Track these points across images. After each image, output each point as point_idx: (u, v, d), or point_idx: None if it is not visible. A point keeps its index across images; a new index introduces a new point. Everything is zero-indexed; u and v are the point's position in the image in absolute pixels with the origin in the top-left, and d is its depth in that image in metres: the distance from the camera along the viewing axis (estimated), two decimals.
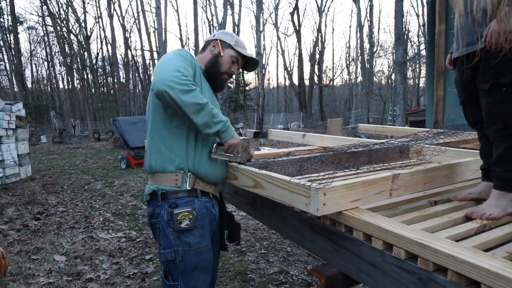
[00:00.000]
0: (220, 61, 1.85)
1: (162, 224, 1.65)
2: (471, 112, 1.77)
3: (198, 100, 1.55)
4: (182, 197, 1.67)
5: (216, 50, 1.86)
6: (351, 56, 36.92)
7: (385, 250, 1.29)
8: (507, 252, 1.20)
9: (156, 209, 1.69)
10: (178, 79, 1.52)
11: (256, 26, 21.50)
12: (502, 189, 1.54)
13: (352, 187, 1.49)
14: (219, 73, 1.86)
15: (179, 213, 1.62)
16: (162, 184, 1.68)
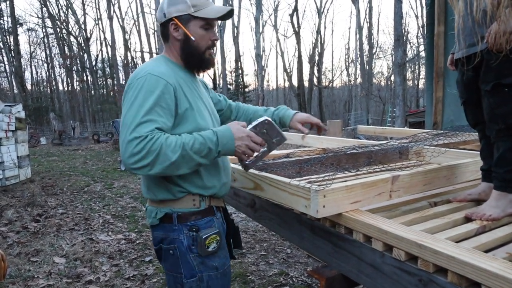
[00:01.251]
0: (193, 44, 1.47)
1: (181, 250, 1.43)
2: (472, 113, 1.78)
3: (169, 159, 1.25)
4: (202, 218, 1.46)
5: (180, 33, 1.47)
6: (351, 57, 36.98)
7: (385, 251, 1.29)
8: (507, 253, 1.20)
9: (170, 233, 1.45)
10: (135, 155, 1.23)
11: (255, 28, 21.55)
12: (502, 190, 1.54)
13: (351, 188, 1.49)
14: (201, 55, 1.50)
15: (208, 237, 1.42)
16: (177, 207, 1.45)
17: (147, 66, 1.41)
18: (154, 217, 1.47)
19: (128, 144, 1.24)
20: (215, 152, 1.34)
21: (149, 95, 1.31)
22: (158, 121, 1.29)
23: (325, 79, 40.06)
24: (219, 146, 1.33)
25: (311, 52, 34.67)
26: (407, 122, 15.32)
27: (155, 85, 1.32)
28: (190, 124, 1.40)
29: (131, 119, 1.27)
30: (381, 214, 1.55)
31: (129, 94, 1.34)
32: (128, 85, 1.37)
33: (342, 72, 42.20)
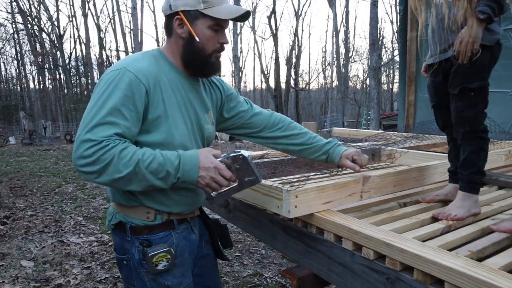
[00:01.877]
0: (197, 45, 1.29)
1: (133, 263, 1.31)
2: (441, 116, 1.84)
3: (118, 172, 1.12)
4: (157, 233, 1.31)
5: (185, 31, 1.29)
6: (327, 60, 37.43)
7: (355, 250, 1.31)
8: (470, 251, 1.24)
9: (125, 242, 1.33)
10: (84, 158, 1.11)
11: (233, 29, 21.53)
12: (467, 191, 1.60)
13: (323, 189, 1.51)
14: (205, 58, 1.32)
15: (154, 255, 1.27)
16: (130, 216, 1.31)
17: (128, 59, 1.27)
18: (109, 221, 1.36)
19: (80, 144, 1.12)
20: (174, 177, 1.18)
21: (117, 92, 1.17)
22: (120, 125, 1.15)
23: (302, 81, 40.41)
24: (180, 171, 1.18)
25: (289, 54, 34.91)
26: (382, 124, 15.64)
27: (126, 83, 1.18)
28: (160, 134, 1.25)
29: (90, 117, 1.15)
30: (352, 215, 1.58)
31: (98, 88, 1.21)
32: (101, 78, 1.24)
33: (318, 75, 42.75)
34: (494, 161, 2.48)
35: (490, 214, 1.69)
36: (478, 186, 1.62)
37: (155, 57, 1.31)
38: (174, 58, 1.34)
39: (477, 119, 1.59)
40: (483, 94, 1.60)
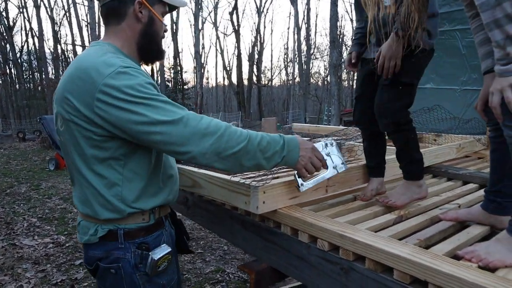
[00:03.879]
0: (156, 29, 1.30)
1: (126, 270, 1.25)
2: (360, 109, 1.86)
3: (231, 148, 1.15)
4: (152, 233, 1.30)
5: (145, 15, 1.27)
6: (289, 57, 37.83)
7: (310, 243, 1.35)
8: (418, 239, 1.31)
9: (114, 251, 1.25)
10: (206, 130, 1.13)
11: (194, 24, 21.27)
12: (408, 179, 1.69)
13: (290, 184, 1.53)
14: (159, 43, 1.35)
15: (161, 258, 1.27)
16: (123, 223, 1.25)
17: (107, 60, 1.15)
18: (93, 234, 1.25)
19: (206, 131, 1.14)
20: (279, 157, 1.23)
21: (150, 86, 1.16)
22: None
23: (264, 78, 40.65)
24: (285, 150, 1.24)
25: (251, 50, 34.97)
26: (342, 120, 16.01)
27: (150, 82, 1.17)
28: None
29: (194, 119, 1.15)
30: (310, 207, 1.62)
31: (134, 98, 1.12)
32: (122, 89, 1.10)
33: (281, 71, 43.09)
34: (446, 154, 2.61)
35: (439, 204, 1.77)
36: (417, 173, 1.69)
37: (116, 53, 1.23)
38: (129, 48, 1.29)
39: (400, 112, 1.64)
40: (411, 91, 1.66)
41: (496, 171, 1.46)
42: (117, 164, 1.20)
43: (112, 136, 1.16)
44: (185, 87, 30.33)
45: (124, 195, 1.22)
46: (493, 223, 1.46)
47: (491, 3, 1.04)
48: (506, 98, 1.09)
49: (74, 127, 1.17)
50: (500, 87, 1.10)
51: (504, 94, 1.09)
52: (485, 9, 1.06)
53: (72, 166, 1.26)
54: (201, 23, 29.66)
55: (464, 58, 3.88)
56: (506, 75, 1.08)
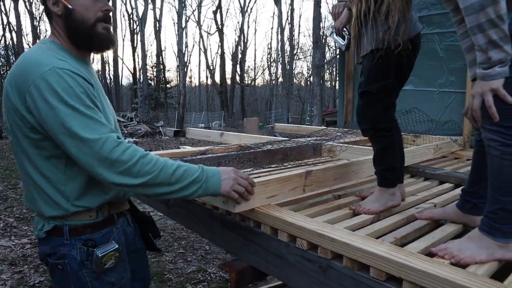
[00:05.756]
0: (76, 17, 1.23)
1: (72, 266, 1.24)
2: None
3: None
4: (99, 230, 1.29)
5: (61, 8, 1.22)
6: (273, 57, 37.95)
7: (290, 242, 1.36)
8: (394, 238, 1.34)
9: (60, 247, 1.25)
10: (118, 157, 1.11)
11: (178, 23, 21.13)
12: (381, 185, 1.66)
13: (267, 184, 1.54)
14: (90, 29, 1.25)
15: (105, 255, 1.26)
16: (69, 219, 1.25)
17: (46, 58, 1.16)
18: (40, 229, 1.26)
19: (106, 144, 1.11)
20: (198, 184, 1.23)
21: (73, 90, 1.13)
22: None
23: (247, 78, 40.67)
24: (203, 177, 1.24)
25: (234, 50, 34.97)
26: (324, 121, 16.17)
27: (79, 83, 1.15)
28: None
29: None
30: (290, 207, 1.64)
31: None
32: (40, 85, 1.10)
33: (264, 71, 43.17)
34: (423, 154, 2.67)
35: (415, 203, 1.82)
36: (391, 181, 1.66)
37: (53, 50, 1.22)
38: (67, 44, 1.27)
39: (379, 118, 1.63)
40: (385, 94, 1.62)
41: (475, 173, 1.49)
42: (59, 162, 1.21)
43: (47, 136, 1.16)
44: (168, 85, 30.10)
45: (68, 193, 1.22)
46: (466, 222, 1.51)
47: (475, 8, 1.07)
48: (487, 102, 1.13)
49: (15, 126, 1.19)
50: (481, 91, 1.14)
51: (484, 97, 1.13)
52: (469, 13, 1.09)
53: (18, 165, 1.27)
54: (185, 21, 29.49)
55: (442, 61, 3.97)
56: (487, 79, 1.11)
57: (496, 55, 1.09)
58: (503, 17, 1.06)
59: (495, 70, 1.10)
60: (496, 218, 1.19)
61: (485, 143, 1.21)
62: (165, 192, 1.19)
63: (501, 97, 1.11)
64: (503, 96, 1.11)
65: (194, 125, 25.21)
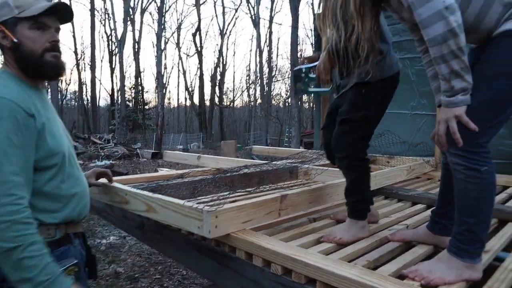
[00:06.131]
0: (24, 49, 1.28)
1: None
2: (326, 142, 1.94)
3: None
4: (57, 248, 1.29)
5: (9, 41, 1.28)
6: (251, 79, 38.37)
7: (264, 267, 1.37)
8: (367, 261, 1.37)
9: None
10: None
11: (157, 44, 21.23)
12: (352, 217, 1.66)
13: (242, 208, 1.56)
14: (38, 59, 1.30)
15: (66, 269, 1.23)
16: None
17: None
18: None
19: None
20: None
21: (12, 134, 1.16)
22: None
23: (226, 99, 40.88)
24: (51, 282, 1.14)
25: (213, 72, 35.20)
26: (303, 142, 16.32)
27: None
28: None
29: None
30: (265, 231, 1.64)
31: None
32: None
33: (243, 93, 43.53)
34: (396, 176, 2.74)
35: (388, 225, 1.86)
36: (362, 213, 1.66)
37: (3, 79, 1.28)
38: (18, 73, 1.31)
39: (356, 147, 1.66)
40: (365, 123, 1.67)
41: (444, 195, 1.54)
42: None
43: None
44: (146, 107, 29.94)
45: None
46: (436, 243, 1.55)
47: (438, 40, 1.14)
48: (451, 128, 1.19)
49: None
50: (446, 117, 1.20)
51: (449, 124, 1.19)
52: (433, 44, 1.16)
53: None
54: (164, 43, 29.63)
55: (413, 84, 4.11)
56: (451, 106, 1.18)
57: (459, 84, 1.16)
58: (463, 49, 1.14)
59: (458, 98, 1.17)
60: (463, 239, 1.23)
61: (451, 167, 1.26)
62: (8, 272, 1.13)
63: (464, 124, 1.17)
64: (466, 123, 1.17)
65: (173, 146, 25.02)
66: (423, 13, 1.15)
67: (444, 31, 1.12)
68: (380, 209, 2.13)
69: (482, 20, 1.21)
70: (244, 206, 1.57)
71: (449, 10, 1.11)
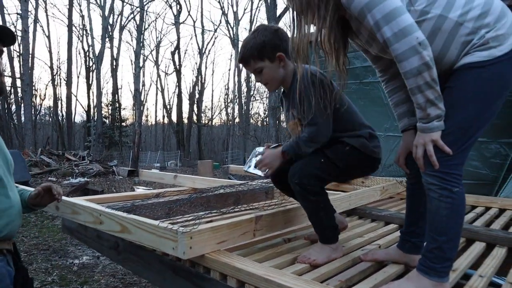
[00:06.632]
0: None
1: None
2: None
3: None
4: None
5: None
6: (230, 97, 38.57)
7: (239, 287, 1.37)
8: (339, 281, 1.39)
9: None
10: None
11: (135, 62, 21.17)
12: (324, 242, 1.67)
13: (217, 229, 1.57)
14: None
15: None
16: None
17: None
18: None
19: None
20: None
21: None
22: None
23: (204, 117, 40.86)
24: None
25: (192, 90, 35.23)
26: None
27: None
28: None
29: None
30: (239, 252, 1.65)
31: None
32: None
33: (221, 111, 43.63)
34: (370, 196, 2.80)
35: (362, 245, 1.89)
36: (332, 237, 1.67)
37: None
38: None
39: (309, 179, 1.60)
40: (331, 169, 1.66)
41: (411, 214, 1.61)
42: None
43: None
44: (123, 124, 29.56)
45: None
46: (407, 262, 1.59)
47: (413, 73, 1.23)
48: (428, 151, 1.28)
49: None
50: (423, 142, 1.30)
51: (426, 147, 1.28)
52: (409, 77, 1.26)
53: None
54: (142, 61, 29.55)
55: (386, 107, 4.24)
56: (428, 132, 1.28)
57: (434, 111, 1.26)
58: (436, 80, 1.25)
59: (433, 124, 1.27)
60: (432, 257, 1.29)
61: (426, 187, 1.34)
62: None
63: (440, 147, 1.27)
64: (441, 146, 1.27)
65: (150, 164, 24.69)
66: (398, 48, 1.23)
67: (419, 64, 1.21)
68: (354, 229, 2.17)
69: (444, 55, 1.31)
70: (219, 227, 1.58)
71: (422, 46, 1.21)
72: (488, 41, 1.25)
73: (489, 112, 1.29)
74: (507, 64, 1.25)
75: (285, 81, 1.75)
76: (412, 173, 1.56)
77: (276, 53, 1.67)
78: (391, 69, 1.58)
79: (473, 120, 1.28)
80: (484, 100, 1.27)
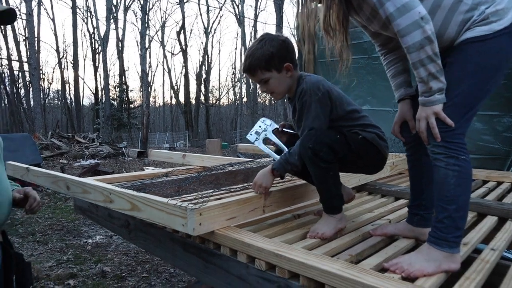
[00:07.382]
0: None
1: None
2: None
3: None
4: None
5: None
6: (237, 77, 38.29)
7: (249, 263, 1.39)
8: (350, 255, 1.39)
9: None
10: None
11: (141, 43, 21.01)
12: (328, 212, 1.67)
13: (227, 206, 1.57)
14: None
15: None
16: None
17: None
18: None
19: None
20: None
21: None
22: None
23: (212, 97, 40.74)
24: None
25: (198, 70, 35.04)
26: None
27: None
28: None
29: None
30: (249, 228, 1.66)
31: None
32: None
33: (228, 91, 43.43)
34: (380, 172, 2.77)
35: (371, 220, 1.89)
36: (337, 207, 1.67)
37: None
38: None
39: (323, 146, 1.59)
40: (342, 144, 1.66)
41: (415, 186, 1.64)
42: None
43: None
44: (131, 105, 29.62)
45: None
46: (417, 236, 1.59)
47: (416, 46, 1.25)
48: (431, 124, 1.29)
49: None
50: (425, 115, 1.31)
51: (428, 120, 1.30)
52: (412, 51, 1.27)
53: None
54: (148, 42, 29.38)
55: None
56: (429, 105, 1.29)
57: (436, 85, 1.28)
58: (438, 54, 1.26)
59: (435, 97, 1.29)
60: (442, 227, 1.28)
61: (432, 158, 1.34)
62: None
63: (442, 119, 1.28)
64: (443, 118, 1.28)
65: (159, 145, 24.84)
66: (401, 23, 1.25)
67: (421, 38, 1.23)
68: (364, 204, 2.16)
69: (444, 32, 1.33)
70: (229, 203, 1.58)
71: (424, 20, 1.23)
72: (488, 16, 1.27)
73: (489, 84, 1.31)
74: (507, 38, 1.28)
75: (291, 89, 1.77)
76: (407, 142, 1.61)
77: (283, 63, 1.68)
78: (390, 44, 1.63)
79: (473, 92, 1.30)
80: (485, 73, 1.29)
